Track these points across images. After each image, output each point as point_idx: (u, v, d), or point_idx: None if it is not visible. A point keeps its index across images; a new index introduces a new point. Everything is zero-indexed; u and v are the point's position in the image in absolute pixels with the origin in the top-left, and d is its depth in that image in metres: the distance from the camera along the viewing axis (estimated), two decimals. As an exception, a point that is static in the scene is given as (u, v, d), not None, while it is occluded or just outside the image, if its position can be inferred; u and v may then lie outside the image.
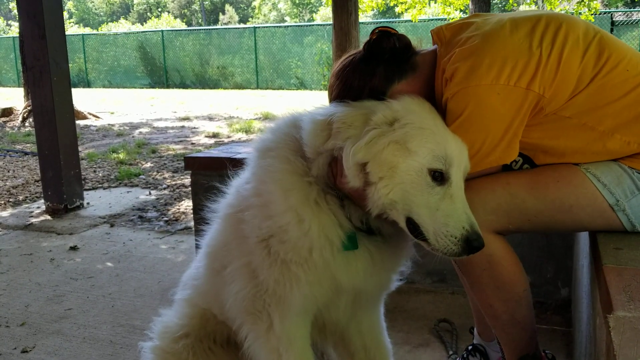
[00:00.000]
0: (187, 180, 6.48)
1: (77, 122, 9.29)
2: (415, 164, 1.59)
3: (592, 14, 15.34)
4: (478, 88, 1.68)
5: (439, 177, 1.60)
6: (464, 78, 1.69)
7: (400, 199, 1.61)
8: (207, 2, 55.88)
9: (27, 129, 11.78)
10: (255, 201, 1.77)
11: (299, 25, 29.30)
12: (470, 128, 1.70)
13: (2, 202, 5.96)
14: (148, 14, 56.11)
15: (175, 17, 50.96)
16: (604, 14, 18.84)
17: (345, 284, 1.79)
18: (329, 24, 12.50)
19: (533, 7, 17.22)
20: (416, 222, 1.62)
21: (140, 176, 7.03)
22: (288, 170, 1.74)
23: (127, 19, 53.35)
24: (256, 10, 52.17)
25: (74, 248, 4.43)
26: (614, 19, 18.89)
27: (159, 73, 27.29)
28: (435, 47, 1.91)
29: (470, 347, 2.49)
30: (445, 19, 17.16)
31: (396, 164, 1.59)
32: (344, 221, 1.73)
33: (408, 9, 17.55)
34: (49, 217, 5.30)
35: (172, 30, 31.05)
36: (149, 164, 7.89)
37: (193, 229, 4.09)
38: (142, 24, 48.04)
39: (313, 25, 28.54)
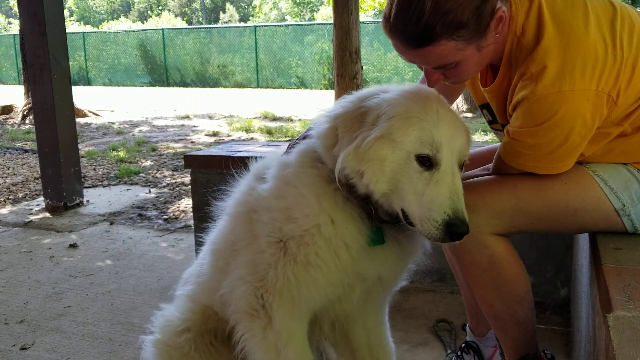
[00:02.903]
0: (186, 179, 6.48)
1: (77, 119, 9.28)
2: (402, 153, 1.60)
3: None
4: (572, 94, 1.61)
5: (427, 161, 1.60)
6: (556, 80, 1.61)
7: (394, 188, 1.63)
8: (207, 1, 55.87)
9: (27, 127, 11.78)
10: (277, 204, 1.76)
11: (299, 24, 29.29)
12: (555, 131, 1.66)
13: (2, 199, 5.95)
14: (149, 12, 56.12)
15: (176, 16, 50.99)
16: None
17: (371, 276, 1.81)
18: (330, 23, 12.51)
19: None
20: (406, 212, 1.64)
21: (140, 174, 7.03)
22: (317, 175, 1.75)
23: (127, 17, 53.36)
24: (257, 9, 52.18)
25: (73, 246, 4.43)
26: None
27: (159, 71, 27.29)
28: None
29: (463, 345, 2.50)
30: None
31: (385, 156, 1.60)
32: (368, 222, 1.75)
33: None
34: (48, 215, 5.30)
35: (173, 29, 31.10)
36: (148, 162, 7.89)
37: (193, 227, 4.09)
38: (143, 22, 48.04)
39: (314, 24, 28.56)
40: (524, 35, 1.70)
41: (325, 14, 37.52)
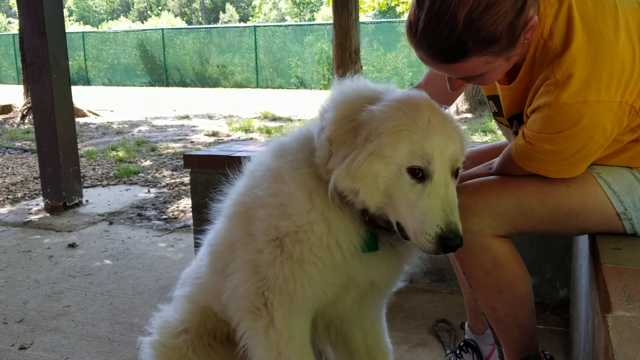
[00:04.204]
0: (186, 179, 6.48)
1: (77, 119, 9.28)
2: (394, 167, 1.58)
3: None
4: (597, 105, 1.58)
5: (419, 173, 1.58)
6: (581, 90, 1.58)
7: (389, 201, 1.62)
8: (207, 1, 55.87)
9: (26, 126, 11.77)
10: (272, 201, 1.76)
11: (299, 25, 29.31)
12: (574, 139, 1.64)
13: (1, 199, 5.95)
14: (148, 12, 56.10)
15: (176, 16, 50.98)
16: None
17: (362, 281, 1.81)
18: (330, 24, 12.51)
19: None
20: (401, 225, 1.63)
21: (140, 174, 7.02)
22: (310, 173, 1.73)
23: (127, 17, 53.32)
24: (256, 9, 52.19)
25: (72, 245, 4.42)
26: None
27: (158, 71, 27.29)
28: None
29: (462, 344, 2.50)
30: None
31: (377, 172, 1.59)
32: (363, 226, 1.74)
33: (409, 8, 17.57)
34: (47, 215, 5.30)
35: (173, 29, 31.10)
36: (148, 162, 7.88)
37: (192, 227, 4.08)
38: (143, 22, 48.02)
39: (313, 24, 28.58)
40: (552, 38, 1.66)
41: (325, 14, 37.53)
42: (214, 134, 10.55)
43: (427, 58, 1.65)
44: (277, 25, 29.11)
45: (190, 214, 4.31)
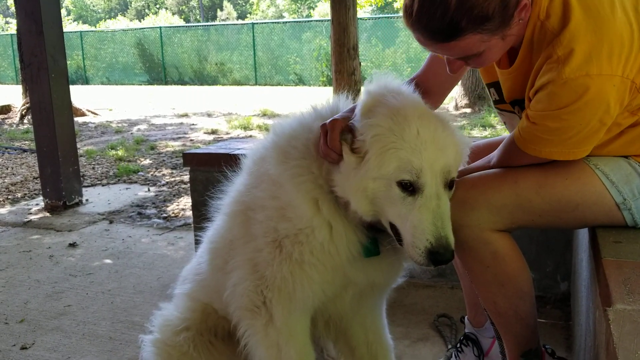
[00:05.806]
0: (185, 177, 6.47)
1: (76, 119, 9.27)
2: (382, 182, 1.60)
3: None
4: (600, 78, 1.58)
5: (410, 186, 1.58)
6: (583, 64, 1.58)
7: (380, 210, 1.64)
8: (205, -1, 55.76)
9: (25, 126, 11.76)
10: (272, 203, 1.77)
11: (297, 21, 29.27)
12: (578, 115, 1.63)
13: (1, 199, 5.95)
14: (146, 10, 56.01)
15: (174, 14, 50.91)
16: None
17: (362, 282, 1.83)
18: (328, 20, 12.50)
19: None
20: (397, 229, 1.64)
21: (139, 173, 7.02)
22: (312, 180, 1.74)
23: (125, 16, 53.22)
24: (254, 7, 52.07)
25: (73, 245, 4.42)
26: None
27: (157, 70, 27.24)
28: None
29: (462, 338, 2.51)
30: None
31: (366, 186, 1.61)
32: (365, 232, 1.76)
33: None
34: (47, 214, 5.30)
35: (171, 27, 31.01)
36: (147, 161, 7.88)
37: (192, 225, 4.09)
38: (140, 21, 47.94)
39: (311, 21, 28.51)
40: (549, 18, 1.67)
41: (323, 10, 37.43)
42: (213, 132, 10.54)
43: (424, 39, 1.67)
44: (275, 22, 29.02)
45: (190, 212, 4.32)
